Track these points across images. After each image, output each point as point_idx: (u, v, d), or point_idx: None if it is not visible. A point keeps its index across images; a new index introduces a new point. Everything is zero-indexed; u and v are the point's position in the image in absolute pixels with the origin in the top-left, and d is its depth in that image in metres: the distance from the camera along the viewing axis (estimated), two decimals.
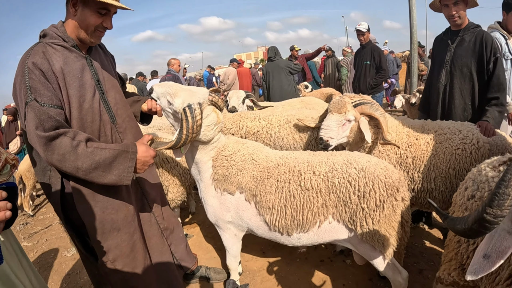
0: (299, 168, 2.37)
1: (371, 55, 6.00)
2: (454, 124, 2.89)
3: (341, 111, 2.76)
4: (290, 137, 3.54)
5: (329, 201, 2.28)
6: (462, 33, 3.24)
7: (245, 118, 3.84)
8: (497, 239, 1.05)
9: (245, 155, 2.52)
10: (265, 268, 3.34)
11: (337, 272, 3.18)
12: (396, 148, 2.81)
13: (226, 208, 2.56)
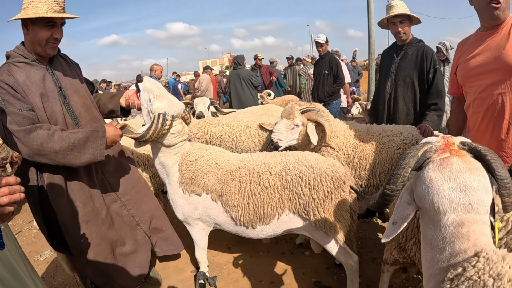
0: (258, 169, 2.70)
1: (329, 65, 6.38)
2: (396, 127, 3.27)
3: (289, 117, 3.13)
4: (250, 141, 3.88)
5: (285, 196, 2.62)
6: (406, 48, 3.64)
7: (209, 123, 4.16)
8: (401, 209, 1.39)
9: (209, 160, 2.83)
10: (231, 261, 3.61)
11: (297, 262, 3.49)
12: (344, 149, 3.17)
13: (194, 207, 2.85)
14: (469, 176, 1.23)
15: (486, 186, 1.25)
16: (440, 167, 1.28)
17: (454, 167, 1.26)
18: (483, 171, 1.28)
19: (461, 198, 1.22)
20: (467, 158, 1.29)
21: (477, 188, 1.22)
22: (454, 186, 1.23)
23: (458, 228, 1.21)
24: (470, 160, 1.29)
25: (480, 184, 1.23)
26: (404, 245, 2.22)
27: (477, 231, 1.21)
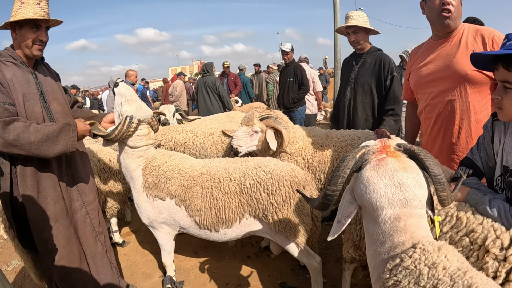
0: (219, 175, 2.79)
1: (294, 73, 6.53)
2: (354, 132, 3.39)
3: (249, 124, 3.23)
4: (213, 147, 3.96)
5: (244, 201, 2.71)
6: (365, 56, 3.78)
7: (173, 130, 4.24)
8: (344, 208, 1.49)
9: (172, 165, 2.91)
10: (197, 266, 3.66)
11: (262, 265, 3.57)
12: (303, 154, 3.27)
13: (159, 211, 2.91)
14: (403, 174, 1.33)
15: (420, 182, 1.35)
16: (376, 167, 1.38)
17: (389, 166, 1.36)
18: (417, 169, 1.38)
19: (396, 194, 1.32)
20: (401, 158, 1.40)
21: (411, 184, 1.32)
22: (389, 184, 1.33)
23: (396, 222, 1.30)
24: (405, 159, 1.40)
25: (414, 181, 1.33)
26: (359, 243, 2.32)
27: (414, 224, 1.30)
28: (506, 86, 1.52)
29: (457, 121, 2.33)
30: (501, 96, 1.55)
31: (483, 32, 2.30)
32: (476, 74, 2.23)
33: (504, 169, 1.70)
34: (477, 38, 2.29)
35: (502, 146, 1.73)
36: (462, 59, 2.27)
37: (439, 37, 2.46)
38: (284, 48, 6.69)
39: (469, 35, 2.33)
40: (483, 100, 2.30)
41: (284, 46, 6.73)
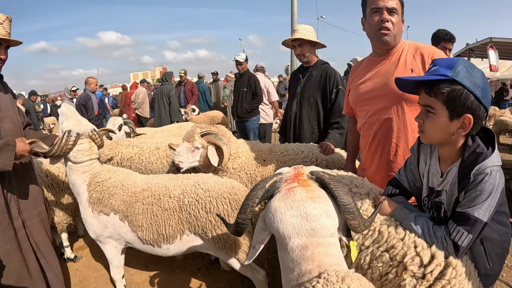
0: (159, 192, 2.81)
1: (248, 83, 6.59)
2: (298, 146, 3.45)
3: (190, 140, 3.23)
4: (159, 162, 3.96)
5: (183, 218, 2.73)
6: (311, 69, 3.84)
7: (120, 145, 4.21)
8: (257, 234, 1.54)
9: (115, 181, 2.93)
10: (148, 280, 3.65)
11: (212, 277, 3.59)
12: (246, 168, 3.30)
13: (104, 226, 2.92)
14: (309, 204, 1.36)
15: (328, 212, 1.38)
16: (284, 197, 1.41)
17: (297, 196, 1.38)
18: (326, 198, 1.41)
19: (303, 225, 1.33)
20: (311, 188, 1.43)
21: (318, 214, 1.35)
22: (296, 214, 1.35)
23: (303, 251, 1.32)
24: (314, 189, 1.43)
25: (321, 211, 1.36)
26: None
27: (321, 253, 1.31)
28: (428, 110, 1.56)
29: (394, 139, 2.34)
30: (423, 120, 1.60)
31: (423, 51, 2.29)
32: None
33: (430, 190, 1.77)
34: (417, 56, 2.29)
35: (428, 168, 1.80)
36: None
37: (379, 54, 2.46)
38: (238, 58, 6.75)
39: (408, 53, 2.32)
40: None
41: (238, 56, 6.79)
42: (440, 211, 1.71)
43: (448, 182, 1.65)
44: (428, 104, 1.54)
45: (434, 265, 1.54)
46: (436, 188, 1.72)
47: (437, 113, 1.53)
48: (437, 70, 1.52)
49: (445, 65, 1.51)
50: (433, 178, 1.75)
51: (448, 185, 1.65)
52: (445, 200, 1.67)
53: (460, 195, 1.56)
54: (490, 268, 1.69)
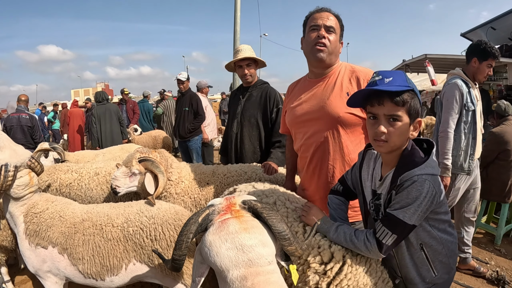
0: (101, 222, 2.73)
1: (189, 102, 6.56)
2: (241, 167, 3.45)
3: (127, 164, 3.16)
4: (99, 188, 3.81)
5: (129, 247, 2.67)
6: (251, 89, 3.87)
7: (59, 170, 4.01)
8: (196, 268, 1.54)
9: (53, 212, 2.80)
10: None
11: None
12: (190, 193, 3.28)
13: (42, 260, 2.76)
14: (244, 236, 1.37)
15: (264, 241, 1.40)
16: (218, 230, 1.41)
17: (230, 228, 1.39)
18: (260, 228, 1.44)
19: (239, 256, 1.34)
20: (244, 218, 1.45)
21: (254, 245, 1.36)
22: (231, 247, 1.35)
23: (243, 282, 1.32)
24: (247, 219, 1.45)
25: (256, 241, 1.37)
26: None
27: (262, 282, 1.32)
28: (395, 119, 1.61)
29: (331, 161, 2.37)
30: (387, 130, 1.62)
31: (359, 74, 2.33)
32: (348, 117, 2.28)
33: (373, 193, 1.84)
34: (353, 80, 2.33)
35: (372, 171, 1.88)
36: (335, 101, 2.31)
37: (315, 75, 2.49)
38: (179, 77, 6.70)
39: (345, 76, 2.36)
40: (356, 140, 2.36)
41: (180, 75, 6.74)
42: (378, 213, 1.78)
43: (385, 186, 1.74)
44: (394, 113, 1.60)
45: (333, 263, 1.72)
46: (377, 191, 1.80)
47: (402, 121, 1.60)
48: (394, 81, 1.60)
49: (399, 77, 1.62)
50: (376, 181, 1.83)
51: (385, 189, 1.74)
52: (383, 202, 1.74)
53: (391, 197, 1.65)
54: (436, 277, 1.76)
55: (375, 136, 1.66)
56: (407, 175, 1.58)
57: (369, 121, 1.71)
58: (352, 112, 2.26)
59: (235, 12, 11.80)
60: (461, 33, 8.63)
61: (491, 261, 4.60)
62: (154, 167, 3.13)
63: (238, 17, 11.80)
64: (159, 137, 8.67)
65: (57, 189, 3.84)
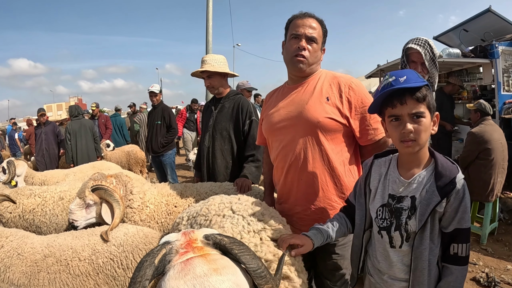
0: (65, 257, 2.49)
1: (162, 115, 6.36)
2: (212, 186, 3.24)
3: (81, 195, 2.92)
4: (64, 213, 3.54)
5: (100, 280, 2.46)
6: (223, 101, 3.68)
7: (21, 195, 3.72)
8: None
9: (9, 251, 2.54)
10: None
11: None
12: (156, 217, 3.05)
13: None
14: (216, 279, 1.11)
15: (238, 282, 1.17)
16: (181, 273, 1.13)
17: (197, 271, 1.12)
18: (232, 266, 1.21)
19: None
20: (211, 257, 1.20)
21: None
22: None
23: None
24: (215, 258, 1.20)
25: (230, 283, 1.14)
26: None
27: None
28: (418, 116, 1.58)
29: (310, 169, 2.24)
30: (413, 128, 1.58)
31: (340, 80, 2.27)
32: (328, 122, 2.18)
33: (391, 197, 1.74)
34: (333, 85, 2.25)
35: (383, 177, 1.81)
36: (314, 106, 2.22)
37: (294, 81, 2.40)
38: (152, 89, 6.52)
39: (325, 81, 2.29)
40: (337, 148, 2.25)
41: (152, 87, 6.57)
42: (400, 217, 1.69)
43: (416, 187, 1.67)
44: (417, 111, 1.58)
45: None
46: (398, 194, 1.71)
47: (425, 117, 1.58)
48: (409, 79, 1.58)
49: (411, 74, 1.61)
50: (393, 185, 1.75)
51: (416, 191, 1.66)
52: (408, 205, 1.67)
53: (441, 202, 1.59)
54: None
55: (402, 137, 1.61)
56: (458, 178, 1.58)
57: (391, 124, 1.66)
58: (332, 117, 2.18)
59: (207, 22, 11.75)
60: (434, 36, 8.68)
61: (479, 262, 4.57)
62: (108, 196, 2.88)
63: (210, 27, 11.76)
64: (132, 152, 8.38)
65: (20, 215, 3.57)
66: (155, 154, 6.49)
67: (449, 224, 1.61)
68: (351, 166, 2.29)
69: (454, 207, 1.58)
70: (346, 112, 2.19)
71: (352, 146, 2.31)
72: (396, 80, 1.59)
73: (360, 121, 2.21)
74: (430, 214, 1.59)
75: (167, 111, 6.44)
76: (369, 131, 2.21)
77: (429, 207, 1.59)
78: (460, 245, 1.60)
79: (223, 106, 3.67)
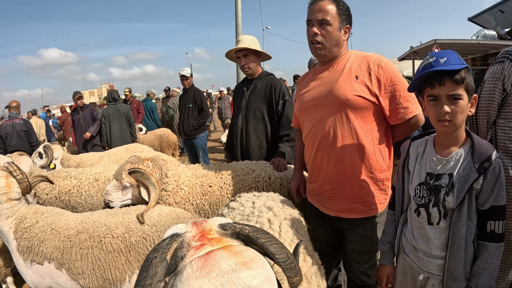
0: (99, 233, 2.53)
1: (193, 98, 6.36)
2: (248, 164, 3.23)
3: (118, 177, 2.94)
4: (99, 194, 3.61)
5: (131, 258, 2.49)
6: (255, 81, 3.66)
7: (57, 177, 3.81)
8: None
9: (44, 226, 2.60)
10: None
11: None
12: (191, 199, 3.05)
13: (41, 276, 2.58)
14: (246, 274, 0.93)
15: (268, 276, 0.98)
16: (203, 271, 0.92)
17: (223, 266, 0.92)
18: (260, 258, 1.02)
19: None
20: (235, 248, 1.00)
21: (261, 284, 0.94)
22: None
23: None
24: (240, 249, 1.00)
25: (262, 279, 0.95)
26: None
27: None
28: (456, 98, 1.61)
29: (339, 147, 2.24)
30: (450, 110, 1.62)
31: (369, 58, 2.25)
32: (357, 99, 2.16)
33: (429, 175, 1.79)
34: (362, 64, 2.24)
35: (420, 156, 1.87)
36: (343, 84, 2.19)
37: (323, 63, 2.40)
38: (183, 73, 6.50)
39: (354, 61, 2.27)
40: (367, 126, 2.22)
41: (183, 71, 6.55)
42: (438, 194, 1.74)
43: (453, 165, 1.72)
44: (455, 92, 1.61)
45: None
46: (435, 172, 1.77)
47: (463, 98, 1.61)
48: (449, 60, 1.60)
49: (452, 56, 1.62)
50: (430, 163, 1.80)
51: (454, 168, 1.71)
52: (446, 182, 1.71)
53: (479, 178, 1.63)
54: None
55: (439, 117, 1.66)
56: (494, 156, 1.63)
57: (430, 104, 1.70)
58: (361, 95, 2.16)
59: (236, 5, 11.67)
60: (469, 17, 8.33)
61: None
62: (145, 179, 2.90)
63: (239, 10, 11.68)
64: (164, 135, 8.47)
65: (56, 196, 3.67)
66: (187, 137, 6.51)
67: (486, 201, 1.65)
68: (380, 145, 2.26)
69: (491, 184, 1.62)
70: (376, 90, 2.18)
71: (382, 126, 2.28)
72: (436, 61, 1.61)
73: (390, 100, 2.19)
74: (468, 191, 1.63)
75: (198, 94, 6.43)
76: (399, 110, 2.18)
77: (467, 184, 1.63)
78: (497, 222, 1.64)
79: (255, 87, 3.65)
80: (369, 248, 2.38)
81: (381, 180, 2.27)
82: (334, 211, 2.35)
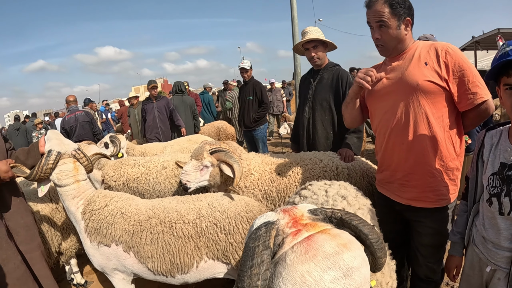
0: (169, 218, 2.58)
1: (253, 91, 6.38)
2: (316, 155, 3.19)
3: (198, 157, 2.96)
4: (167, 182, 3.68)
5: (201, 243, 2.51)
6: (322, 72, 3.63)
7: (125, 164, 3.93)
8: None
9: (113, 209, 2.68)
10: None
11: None
12: (260, 185, 3.07)
13: (107, 258, 2.66)
14: (348, 255, 0.94)
15: (365, 258, 1.01)
16: (308, 255, 0.92)
17: (327, 249, 0.93)
18: (355, 240, 1.03)
19: (348, 287, 0.91)
20: (333, 231, 1.01)
21: (360, 266, 0.95)
22: (338, 275, 0.91)
23: None
24: (337, 232, 1.01)
25: (360, 259, 0.97)
26: None
27: None
28: None
29: (411, 132, 2.22)
30: None
31: (437, 45, 2.22)
32: (428, 84, 2.14)
33: (502, 166, 1.77)
34: (431, 51, 2.21)
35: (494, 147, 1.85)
36: (413, 70, 2.19)
37: (393, 55, 2.39)
38: (243, 65, 6.51)
39: (422, 49, 2.25)
40: (438, 113, 2.19)
41: (243, 63, 6.55)
42: (511, 184, 1.71)
43: None
44: None
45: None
46: (509, 162, 1.74)
47: None
48: None
49: None
50: (504, 153, 1.78)
51: None
52: None
53: None
54: None
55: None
56: None
57: (506, 92, 1.66)
58: (432, 80, 2.15)
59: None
60: None
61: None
62: (228, 158, 2.93)
63: (295, 2, 11.57)
64: (222, 127, 8.56)
65: (124, 184, 3.79)
66: (247, 129, 6.55)
67: None
68: (451, 132, 2.23)
69: None
70: (445, 75, 2.15)
71: (453, 114, 2.24)
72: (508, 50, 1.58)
73: (458, 85, 2.15)
74: None
75: (258, 86, 6.43)
76: (468, 95, 2.13)
77: None
78: None
79: (322, 77, 3.63)
80: (437, 242, 2.36)
81: (451, 169, 2.24)
82: (406, 199, 2.33)
